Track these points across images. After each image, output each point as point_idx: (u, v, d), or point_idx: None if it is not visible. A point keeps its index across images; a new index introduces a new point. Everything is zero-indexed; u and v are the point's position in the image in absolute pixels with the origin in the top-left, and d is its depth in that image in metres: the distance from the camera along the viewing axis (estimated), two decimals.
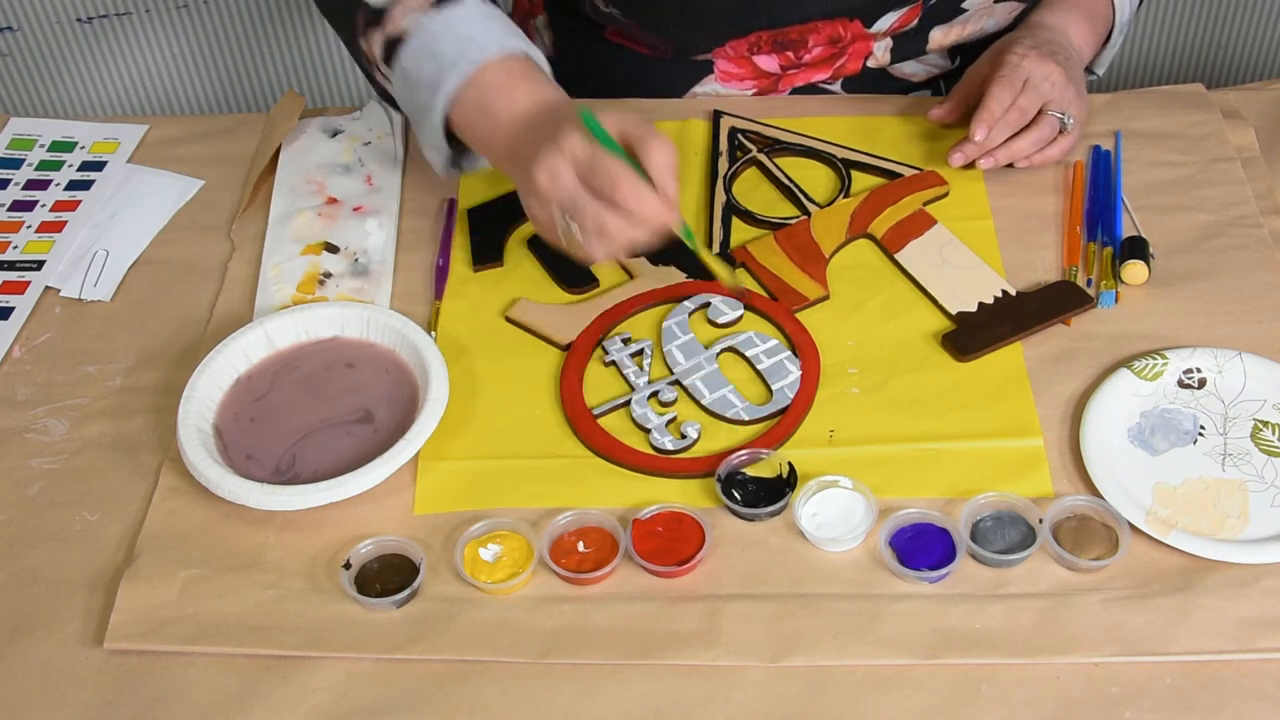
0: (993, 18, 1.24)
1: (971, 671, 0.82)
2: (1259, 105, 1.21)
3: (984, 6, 1.22)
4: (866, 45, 1.23)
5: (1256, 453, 0.93)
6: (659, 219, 0.91)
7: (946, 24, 1.23)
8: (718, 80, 1.25)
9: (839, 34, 1.21)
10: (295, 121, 1.21)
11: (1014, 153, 1.12)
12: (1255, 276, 1.05)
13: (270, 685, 0.83)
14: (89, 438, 0.99)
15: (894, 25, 1.21)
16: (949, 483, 0.92)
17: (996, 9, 1.22)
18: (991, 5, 1.22)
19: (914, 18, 1.21)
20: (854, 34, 1.21)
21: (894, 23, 1.21)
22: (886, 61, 1.25)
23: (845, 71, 1.25)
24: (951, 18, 1.22)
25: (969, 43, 1.26)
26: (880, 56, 1.24)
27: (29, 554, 0.91)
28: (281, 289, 1.08)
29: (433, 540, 0.90)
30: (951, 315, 1.03)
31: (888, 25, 1.21)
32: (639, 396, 0.98)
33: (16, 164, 1.23)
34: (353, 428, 0.96)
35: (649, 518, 0.90)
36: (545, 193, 0.91)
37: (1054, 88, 1.10)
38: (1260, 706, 0.79)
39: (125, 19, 1.88)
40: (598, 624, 0.85)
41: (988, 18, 1.24)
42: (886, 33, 1.22)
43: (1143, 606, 0.84)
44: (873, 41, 1.22)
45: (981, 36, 1.25)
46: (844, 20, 1.20)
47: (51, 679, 0.84)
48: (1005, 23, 1.25)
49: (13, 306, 1.09)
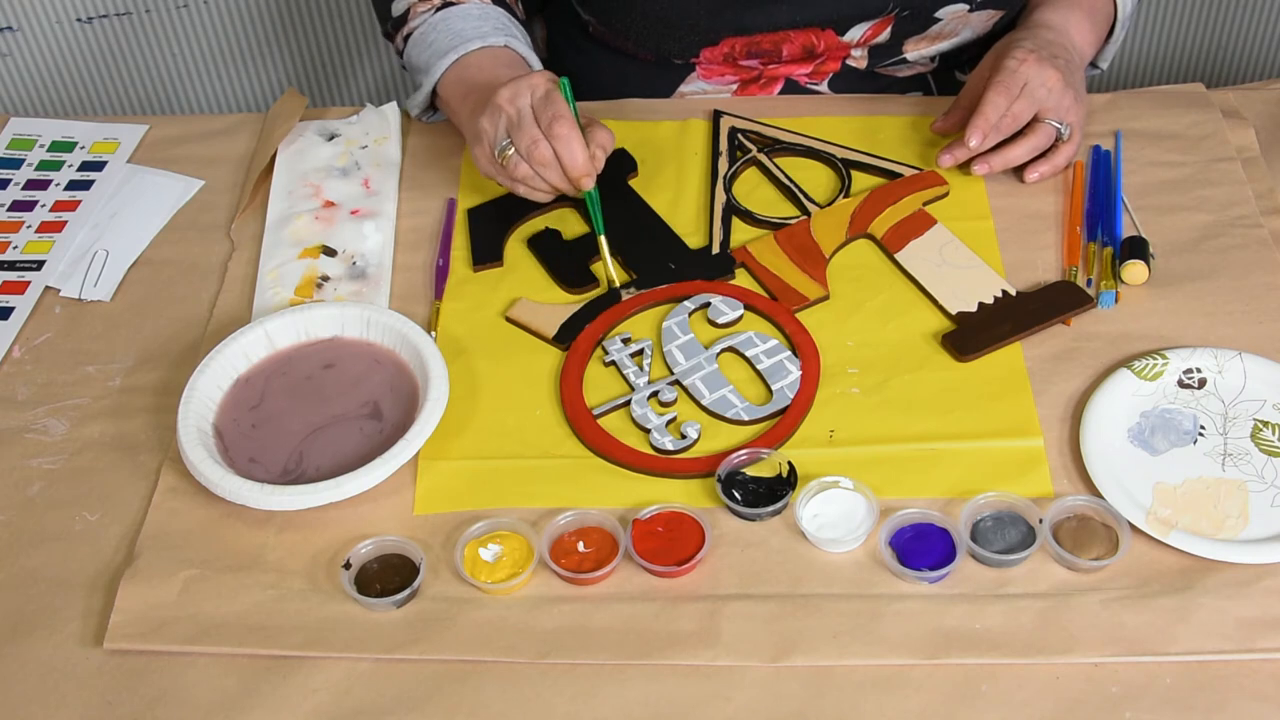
0: (969, 26, 1.23)
1: (971, 671, 0.82)
2: (1259, 105, 1.21)
3: (959, 16, 1.21)
4: (843, 52, 1.23)
5: (1256, 453, 0.93)
6: (576, 167, 1.02)
7: (919, 35, 1.23)
8: (700, 78, 1.25)
9: (812, 43, 1.21)
10: (296, 121, 1.21)
11: (1007, 160, 1.12)
12: (1255, 276, 1.05)
13: (270, 685, 0.83)
14: (89, 438, 0.99)
15: (866, 36, 1.21)
16: (949, 483, 0.92)
17: (972, 18, 1.22)
18: (967, 15, 1.21)
19: (885, 28, 1.21)
20: (827, 44, 1.21)
21: (865, 33, 1.21)
22: (864, 65, 1.25)
23: (826, 70, 1.25)
24: (924, 29, 1.22)
25: (947, 51, 1.26)
26: (858, 59, 1.24)
27: (29, 554, 0.91)
28: (279, 292, 1.07)
29: (433, 540, 0.90)
30: (951, 315, 1.03)
31: (859, 36, 1.21)
32: (639, 396, 0.98)
33: (16, 164, 1.23)
34: (364, 423, 0.96)
35: (649, 518, 0.90)
36: (501, 105, 1.04)
37: (1050, 94, 1.10)
38: (1260, 706, 0.79)
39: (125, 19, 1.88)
40: (598, 624, 0.85)
41: (964, 27, 1.23)
42: (859, 43, 1.22)
43: (1143, 606, 0.84)
44: (849, 49, 1.23)
45: (961, 45, 1.25)
46: (816, 30, 1.20)
47: (51, 679, 0.84)
48: (984, 30, 1.24)
49: (13, 306, 1.09)
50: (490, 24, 1.16)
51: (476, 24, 1.16)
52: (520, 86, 1.04)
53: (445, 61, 1.14)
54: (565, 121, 1.02)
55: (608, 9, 1.23)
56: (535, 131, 1.02)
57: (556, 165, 1.03)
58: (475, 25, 1.16)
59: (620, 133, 1.20)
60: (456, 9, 1.17)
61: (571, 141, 1.02)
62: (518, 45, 1.16)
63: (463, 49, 1.13)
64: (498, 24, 1.17)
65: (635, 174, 1.17)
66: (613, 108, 1.24)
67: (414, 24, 1.18)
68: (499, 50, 1.15)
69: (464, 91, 1.12)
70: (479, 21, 1.16)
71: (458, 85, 1.13)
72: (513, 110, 1.04)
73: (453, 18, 1.16)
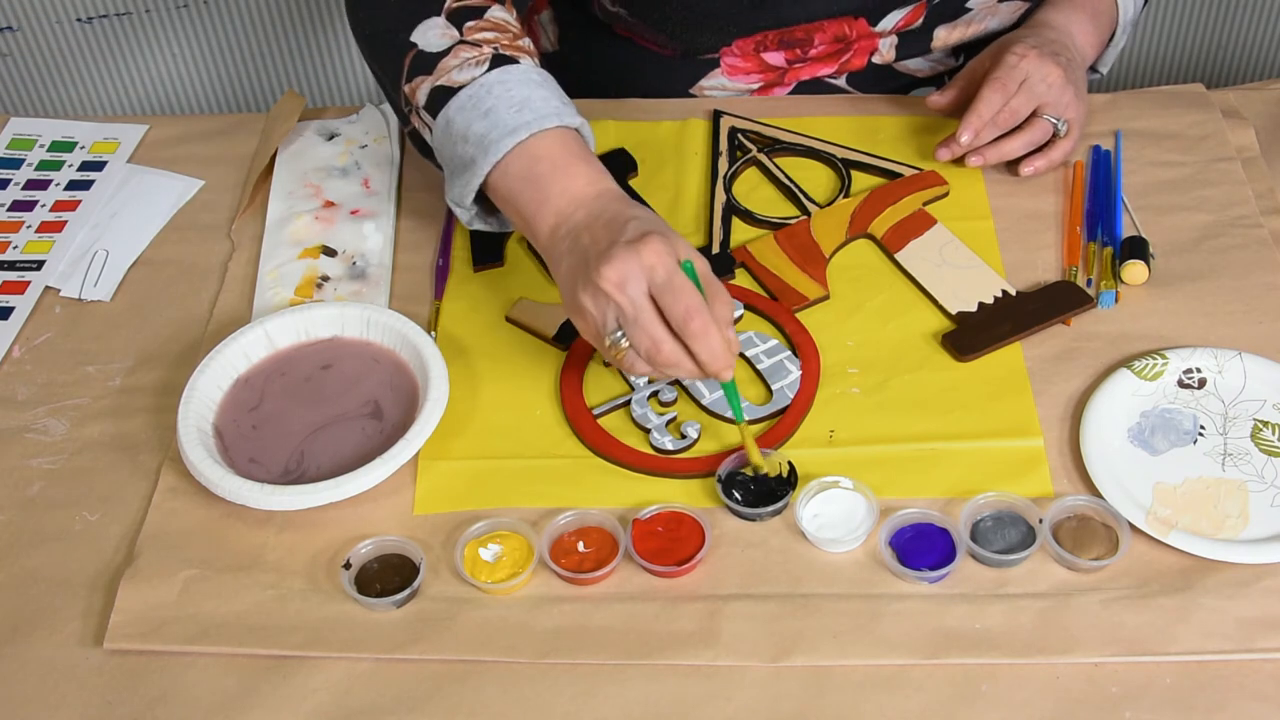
0: (996, 17, 1.24)
1: (971, 671, 0.82)
2: (1259, 105, 1.21)
3: (988, 6, 1.22)
4: (872, 43, 1.23)
5: (1256, 453, 0.93)
6: (717, 365, 0.86)
7: (951, 23, 1.23)
8: (724, 74, 1.25)
9: (844, 32, 1.21)
10: (295, 121, 1.21)
11: (1003, 153, 1.12)
12: (1255, 276, 1.05)
13: (270, 685, 0.83)
14: (89, 438, 0.99)
15: (899, 24, 1.21)
16: (949, 483, 0.92)
17: (1000, 8, 1.23)
18: (995, 4, 1.22)
19: (919, 16, 1.21)
20: (859, 32, 1.21)
21: (899, 21, 1.21)
22: (892, 58, 1.25)
23: (850, 67, 1.25)
24: (956, 17, 1.23)
25: (973, 41, 1.26)
26: (885, 53, 1.24)
27: (29, 554, 0.91)
28: (279, 292, 1.07)
29: (433, 540, 0.90)
30: (951, 315, 1.03)
31: (893, 24, 1.21)
32: (639, 396, 0.98)
33: (16, 164, 1.23)
34: (365, 423, 0.96)
35: (649, 518, 0.89)
36: (609, 292, 0.86)
37: (1050, 89, 1.10)
38: (1260, 706, 0.79)
39: (125, 19, 1.88)
40: (598, 624, 0.85)
41: (992, 17, 1.24)
42: (891, 31, 1.22)
43: (1143, 606, 0.84)
44: (878, 40, 1.23)
45: (986, 35, 1.25)
46: (849, 19, 1.20)
47: (51, 679, 0.84)
48: (1009, 22, 1.25)
49: (13, 306, 1.09)
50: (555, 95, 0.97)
51: (540, 93, 0.96)
52: (630, 270, 0.85)
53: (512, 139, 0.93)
54: (700, 317, 0.84)
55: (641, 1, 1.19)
56: (659, 332, 0.85)
57: (686, 362, 0.87)
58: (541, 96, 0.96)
59: (620, 132, 1.21)
60: (515, 70, 0.96)
61: (711, 338, 0.85)
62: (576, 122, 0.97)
63: (536, 126, 0.93)
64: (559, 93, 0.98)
65: (635, 174, 1.17)
66: (612, 107, 1.24)
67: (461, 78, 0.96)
68: (568, 134, 0.95)
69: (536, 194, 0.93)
70: (540, 88, 0.96)
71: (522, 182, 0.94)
72: (624, 300, 0.85)
73: (514, 84, 0.96)
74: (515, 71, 0.96)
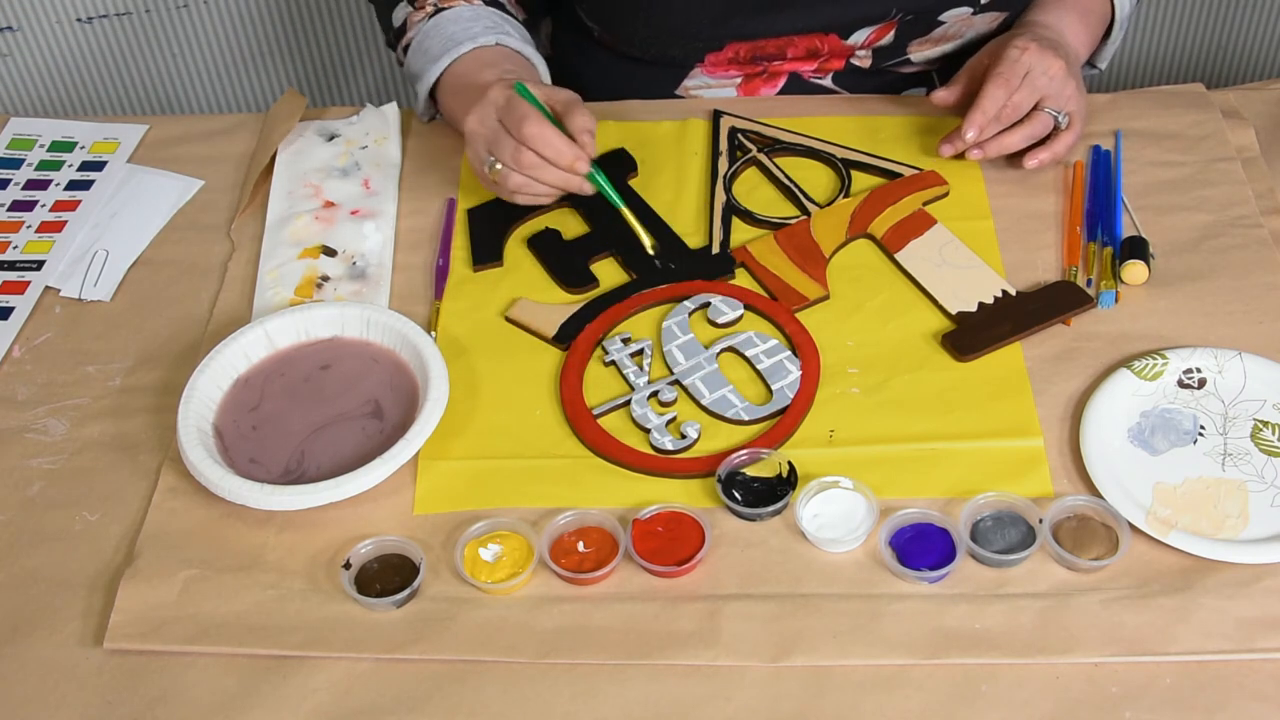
0: (973, 29, 1.23)
1: (971, 671, 0.82)
2: (1259, 105, 1.21)
3: (962, 18, 1.21)
4: (848, 51, 1.23)
5: (1256, 453, 0.93)
6: (563, 157, 1.03)
7: (923, 38, 1.23)
8: (704, 72, 1.25)
9: (816, 46, 1.21)
10: (295, 121, 1.21)
11: (1003, 146, 1.12)
12: (1255, 276, 1.05)
13: (270, 685, 0.83)
14: (89, 438, 0.99)
15: (870, 39, 1.21)
16: (949, 483, 0.92)
17: (976, 21, 1.22)
18: (970, 18, 1.21)
19: (889, 32, 1.21)
20: (831, 47, 1.21)
21: (869, 36, 1.21)
22: (869, 65, 1.25)
23: (831, 67, 1.25)
24: (928, 32, 1.22)
25: (954, 53, 1.26)
26: (862, 59, 1.24)
27: (29, 554, 0.91)
28: (279, 292, 1.07)
29: (433, 540, 0.90)
30: (951, 315, 1.03)
31: (864, 39, 1.21)
32: (639, 396, 0.98)
33: (16, 164, 1.23)
34: (365, 422, 0.96)
35: (649, 518, 0.89)
36: (472, 131, 1.06)
37: (1053, 82, 1.10)
38: (1260, 706, 0.79)
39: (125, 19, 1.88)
40: (598, 624, 0.85)
41: (968, 29, 1.23)
42: (864, 45, 1.22)
43: (1143, 606, 0.84)
44: (852, 51, 1.23)
45: (966, 46, 1.25)
46: (819, 35, 1.20)
47: (51, 679, 0.84)
48: (988, 31, 1.24)
49: (13, 306, 1.09)
50: (481, 25, 1.16)
51: (467, 26, 1.16)
52: (483, 107, 1.06)
53: (437, 68, 1.14)
54: (532, 120, 1.02)
55: (613, 18, 1.23)
56: (511, 143, 1.03)
57: (545, 164, 1.03)
58: (466, 28, 1.16)
59: (620, 133, 1.21)
60: (448, 13, 1.18)
61: (547, 136, 1.02)
62: (510, 41, 1.16)
63: (455, 52, 1.14)
64: (489, 24, 1.17)
65: (635, 174, 1.17)
66: (612, 108, 1.24)
67: (411, 34, 1.19)
68: (486, 50, 1.15)
69: (458, 100, 1.12)
70: (469, 24, 1.17)
71: (451, 93, 1.14)
72: (485, 130, 1.05)
73: (445, 22, 1.17)
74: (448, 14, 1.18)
